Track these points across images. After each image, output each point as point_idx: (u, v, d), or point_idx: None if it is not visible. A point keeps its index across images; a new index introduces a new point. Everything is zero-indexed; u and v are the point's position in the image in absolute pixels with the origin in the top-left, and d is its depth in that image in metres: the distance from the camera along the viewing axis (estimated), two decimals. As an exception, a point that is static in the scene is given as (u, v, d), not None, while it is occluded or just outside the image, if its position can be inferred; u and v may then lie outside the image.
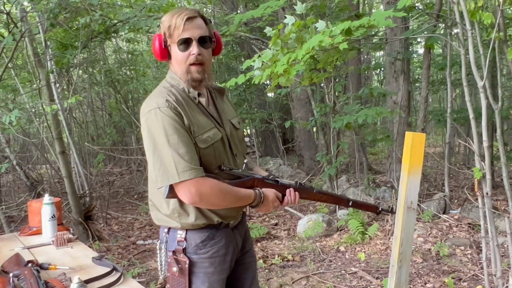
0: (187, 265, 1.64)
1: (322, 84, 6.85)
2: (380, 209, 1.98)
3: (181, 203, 1.61)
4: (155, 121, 1.52)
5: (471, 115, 3.25)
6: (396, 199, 5.03)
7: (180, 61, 1.62)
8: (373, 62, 14.70)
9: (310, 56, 2.80)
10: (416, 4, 6.56)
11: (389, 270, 2.52)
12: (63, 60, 5.72)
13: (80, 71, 9.40)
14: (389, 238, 4.89)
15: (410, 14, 5.55)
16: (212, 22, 1.68)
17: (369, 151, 11.42)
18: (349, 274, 4.15)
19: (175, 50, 1.62)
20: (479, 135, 3.23)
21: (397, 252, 2.42)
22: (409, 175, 2.36)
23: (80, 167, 6.22)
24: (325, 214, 5.65)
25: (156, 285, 3.93)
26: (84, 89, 10.36)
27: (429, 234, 5.01)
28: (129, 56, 11.63)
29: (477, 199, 3.43)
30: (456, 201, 6.34)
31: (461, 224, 5.22)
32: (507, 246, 3.35)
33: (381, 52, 13.76)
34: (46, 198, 2.38)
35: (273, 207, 1.73)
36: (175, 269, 1.65)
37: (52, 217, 2.37)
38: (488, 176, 3.07)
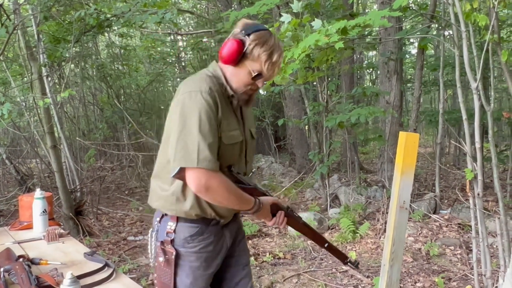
0: (173, 256, 1.65)
1: (315, 83, 6.86)
2: (347, 261, 2.03)
3: (183, 188, 1.62)
4: (193, 102, 1.52)
5: (464, 116, 3.28)
6: (388, 198, 5.06)
7: (244, 82, 1.64)
8: (366, 62, 14.75)
9: (306, 55, 2.80)
10: (410, 5, 6.59)
11: (381, 269, 2.54)
12: (56, 53, 5.67)
13: (72, 65, 9.33)
14: (380, 237, 4.92)
15: (404, 15, 5.56)
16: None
17: (360, 151, 11.46)
18: (340, 272, 4.16)
19: (246, 70, 1.62)
20: (471, 136, 3.25)
21: (389, 252, 2.43)
22: (402, 175, 2.38)
23: (71, 162, 6.18)
24: (317, 212, 5.67)
25: (147, 281, 3.92)
26: (76, 84, 10.27)
27: (419, 234, 5.04)
28: (122, 51, 11.57)
29: (467, 199, 3.47)
30: (446, 201, 6.39)
31: (451, 224, 5.26)
32: (497, 246, 3.38)
33: (374, 52, 13.81)
34: (38, 192, 2.36)
35: (263, 218, 1.78)
36: (161, 259, 1.68)
37: (44, 211, 2.36)
38: (479, 177, 3.10)
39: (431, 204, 5.81)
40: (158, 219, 1.72)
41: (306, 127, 9.48)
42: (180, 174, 1.54)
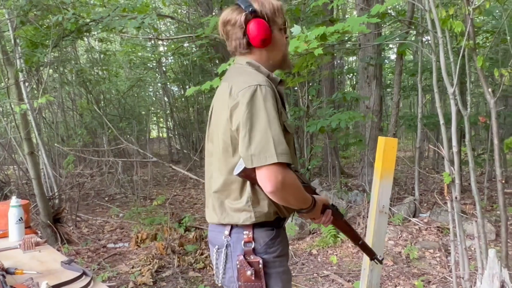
0: (261, 266, 1.53)
1: (296, 88, 6.90)
2: (374, 257, 2.01)
3: (253, 190, 1.53)
4: (259, 97, 1.42)
5: (441, 121, 3.32)
6: (368, 202, 5.10)
7: (283, 46, 1.62)
8: (346, 67, 14.89)
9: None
10: (389, 11, 6.68)
11: (361, 273, 2.56)
12: (33, 58, 5.59)
13: (51, 70, 9.20)
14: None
15: (383, 21, 5.64)
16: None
17: (341, 155, 11.55)
18: (321, 277, 4.18)
19: (278, 36, 1.60)
20: (449, 140, 3.30)
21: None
22: (381, 179, 2.40)
23: (49, 168, 6.08)
24: (298, 217, 5.67)
25: (127, 289, 3.87)
26: (55, 89, 10.13)
27: (399, 237, 5.09)
28: (102, 56, 11.46)
29: (445, 202, 3.51)
30: (425, 204, 6.47)
31: (430, 228, 5.32)
32: (474, 249, 3.43)
33: (354, 57, 13.95)
34: (13, 200, 2.31)
35: (313, 217, 1.67)
36: (249, 272, 1.52)
37: (20, 219, 2.31)
38: (457, 181, 3.14)
39: (411, 208, 5.88)
40: (226, 232, 1.58)
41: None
42: (245, 172, 1.43)
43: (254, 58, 1.61)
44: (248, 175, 1.45)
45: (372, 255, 2.00)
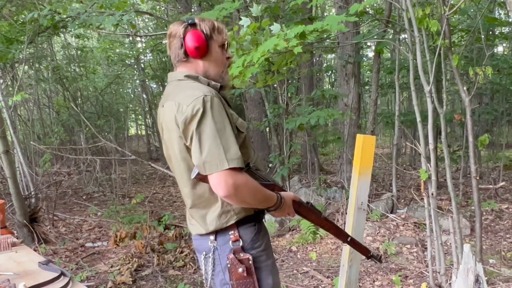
0: (251, 262, 1.59)
1: (275, 86, 6.92)
2: (370, 255, 2.00)
3: None
4: (207, 106, 1.46)
5: (418, 119, 3.38)
6: (347, 199, 5.15)
7: (221, 63, 1.68)
8: (325, 65, 14.98)
9: (265, 59, 2.82)
10: (367, 9, 6.74)
11: (340, 269, 2.59)
12: (8, 55, 5.48)
13: (26, 67, 9.03)
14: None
15: (361, 19, 5.69)
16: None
17: (320, 152, 11.63)
18: (300, 273, 4.21)
19: (217, 52, 1.66)
20: (425, 137, 3.36)
21: (348, 252, 2.48)
22: (360, 176, 2.43)
23: (25, 167, 5.97)
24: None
25: (106, 289, 3.84)
26: (30, 86, 9.96)
27: (377, 233, 5.16)
28: (79, 52, 11.30)
29: (422, 199, 3.58)
30: (403, 200, 6.57)
31: (407, 223, 5.41)
32: (450, 244, 3.51)
33: (333, 55, 14.05)
34: (-11, 200, 2.27)
35: (285, 214, 1.71)
36: (241, 270, 1.58)
37: (-5, 220, 2.27)
38: (433, 177, 3.21)
39: (389, 204, 5.96)
40: (212, 238, 1.63)
41: (267, 129, 9.53)
42: (201, 175, 1.48)
43: (191, 68, 1.66)
44: (203, 178, 1.49)
45: (367, 253, 1.99)
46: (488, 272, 3.72)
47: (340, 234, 1.93)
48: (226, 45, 1.70)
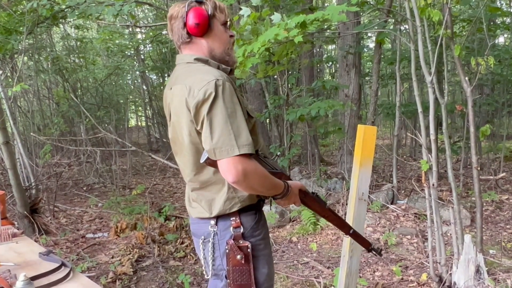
0: (249, 250, 1.59)
1: (275, 76, 6.89)
2: (371, 248, 1.99)
3: None
4: (218, 91, 1.45)
5: (419, 109, 3.37)
6: (348, 190, 5.14)
7: (225, 41, 1.64)
8: (325, 56, 14.92)
9: (266, 49, 2.81)
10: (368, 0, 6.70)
11: (341, 260, 2.59)
12: (7, 46, 5.45)
13: (26, 58, 8.99)
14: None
15: (362, 9, 5.66)
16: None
17: (320, 143, 11.62)
18: (301, 264, 4.22)
19: (219, 29, 1.63)
20: (427, 128, 3.35)
21: (348, 243, 2.48)
22: (361, 167, 2.43)
23: (25, 158, 5.97)
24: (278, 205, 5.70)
25: (107, 279, 3.84)
26: (30, 77, 9.92)
27: (378, 224, 5.17)
28: (78, 43, 11.24)
29: (422, 189, 3.57)
30: (403, 191, 6.57)
31: (407, 214, 5.41)
32: (451, 234, 3.51)
33: (333, 46, 13.98)
34: (-11, 191, 2.27)
35: (291, 203, 1.70)
36: (239, 256, 1.58)
37: (-4, 211, 2.26)
38: (434, 168, 3.20)
39: (389, 195, 5.97)
40: (212, 222, 1.62)
41: (267, 121, 9.52)
42: (210, 160, 1.47)
43: (195, 49, 1.63)
44: (213, 163, 1.48)
45: (368, 245, 1.99)
46: (489, 263, 3.73)
47: (343, 226, 1.92)
48: (228, 23, 1.67)
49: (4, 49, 5.54)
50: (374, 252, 2.02)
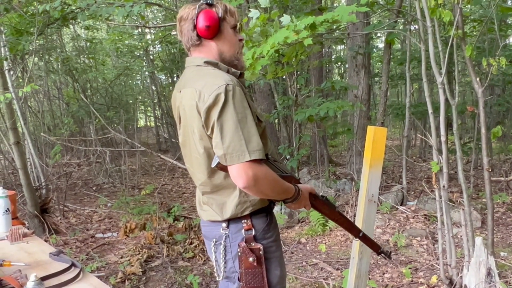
0: (262, 252, 1.59)
1: (284, 77, 6.88)
2: (381, 251, 1.98)
3: None
4: (229, 96, 1.44)
5: (429, 110, 3.34)
6: (357, 191, 5.12)
7: (234, 44, 1.64)
8: (334, 56, 14.87)
9: (275, 51, 2.80)
10: (378, 0, 6.67)
11: (350, 262, 2.57)
12: (18, 46, 5.49)
13: (36, 59, 9.06)
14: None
15: (372, 10, 5.63)
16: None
17: (329, 144, 11.58)
18: (310, 265, 4.21)
19: (229, 32, 1.62)
20: (437, 129, 3.32)
21: (358, 245, 2.46)
22: (371, 168, 2.41)
23: (35, 158, 6.02)
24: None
25: (116, 279, 3.86)
26: (40, 77, 10.00)
27: (387, 226, 5.14)
28: (88, 44, 11.31)
29: (433, 191, 3.55)
30: (413, 193, 6.53)
31: (417, 216, 5.38)
32: (461, 236, 3.48)
33: (342, 46, 13.93)
34: (0, 191, 2.28)
35: (302, 207, 1.70)
36: (251, 259, 1.57)
37: (6, 211, 2.28)
38: (445, 170, 3.17)
39: (398, 196, 5.93)
40: (224, 225, 1.62)
41: (276, 121, 9.51)
42: (221, 165, 1.47)
43: (205, 52, 1.62)
44: (224, 168, 1.48)
45: (377, 249, 1.98)
46: (500, 265, 3.69)
47: (353, 229, 1.91)
48: (238, 27, 1.66)
49: (15, 50, 5.58)
50: (383, 256, 2.00)
